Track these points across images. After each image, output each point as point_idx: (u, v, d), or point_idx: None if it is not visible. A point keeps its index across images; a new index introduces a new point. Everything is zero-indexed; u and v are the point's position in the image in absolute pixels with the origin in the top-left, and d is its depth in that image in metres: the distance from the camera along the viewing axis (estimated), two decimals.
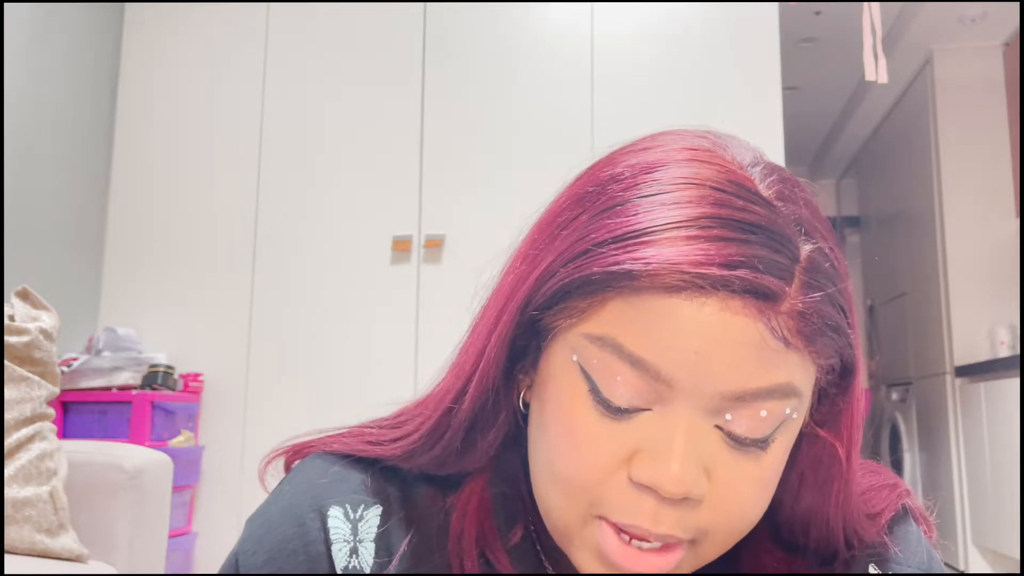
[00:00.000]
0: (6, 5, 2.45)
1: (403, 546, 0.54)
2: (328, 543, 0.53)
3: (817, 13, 3.82)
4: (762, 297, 0.44)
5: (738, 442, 0.46)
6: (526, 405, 0.53)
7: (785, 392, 0.45)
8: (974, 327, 3.84)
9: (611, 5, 2.82)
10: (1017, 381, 3.19)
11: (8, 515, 1.53)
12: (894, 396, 4.69)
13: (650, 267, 0.43)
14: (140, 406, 2.47)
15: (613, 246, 0.45)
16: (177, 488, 2.42)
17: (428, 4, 2.89)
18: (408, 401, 0.60)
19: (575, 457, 0.47)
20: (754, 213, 0.45)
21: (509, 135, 2.77)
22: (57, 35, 2.72)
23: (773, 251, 0.44)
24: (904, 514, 0.58)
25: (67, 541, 1.59)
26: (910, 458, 4.35)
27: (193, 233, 2.87)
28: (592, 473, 0.46)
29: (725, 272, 0.43)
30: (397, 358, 2.70)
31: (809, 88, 4.60)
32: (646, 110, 2.70)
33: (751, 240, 0.44)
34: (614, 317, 0.45)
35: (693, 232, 0.44)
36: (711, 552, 0.49)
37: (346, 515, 0.54)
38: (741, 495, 0.47)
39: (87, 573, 1.58)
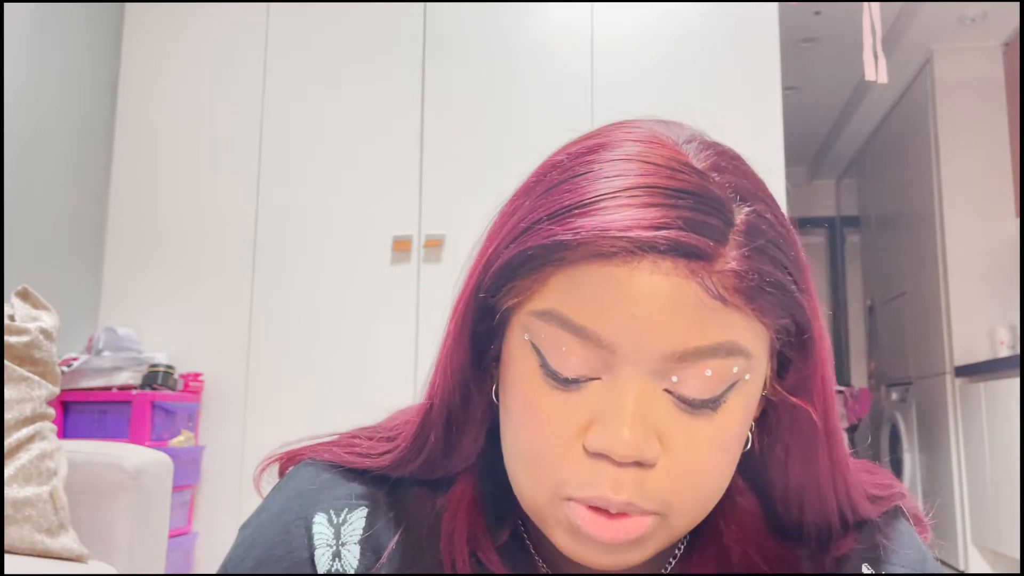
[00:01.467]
0: (6, 5, 2.45)
1: (391, 546, 0.55)
2: (312, 549, 0.55)
3: (817, 13, 3.82)
4: (693, 256, 0.45)
5: (688, 404, 0.47)
6: (499, 398, 0.54)
7: (728, 350, 0.46)
8: (974, 327, 3.84)
9: (611, 5, 2.82)
10: (1017, 381, 3.18)
11: (8, 515, 1.53)
12: (894, 396, 4.69)
13: (579, 236, 0.45)
14: (140, 406, 2.47)
15: (548, 222, 0.47)
16: (177, 488, 2.42)
17: (428, 4, 2.89)
18: (403, 405, 0.62)
19: (533, 432, 0.48)
20: (683, 181, 0.46)
21: (509, 135, 2.77)
22: (57, 35, 2.72)
23: (703, 214, 0.46)
24: (896, 512, 0.58)
25: (67, 541, 1.59)
26: (910, 458, 4.35)
27: (193, 233, 2.87)
28: (550, 446, 0.47)
29: (651, 233, 0.44)
30: (397, 358, 2.70)
31: (809, 88, 4.60)
32: (646, 110, 2.69)
33: (679, 204, 0.45)
34: (556, 291, 0.47)
35: (622, 201, 0.45)
36: (681, 524, 0.49)
37: (329, 520, 0.56)
38: (698, 459, 0.47)
39: (87, 573, 1.58)
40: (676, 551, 0.57)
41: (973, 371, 3.66)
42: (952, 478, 3.81)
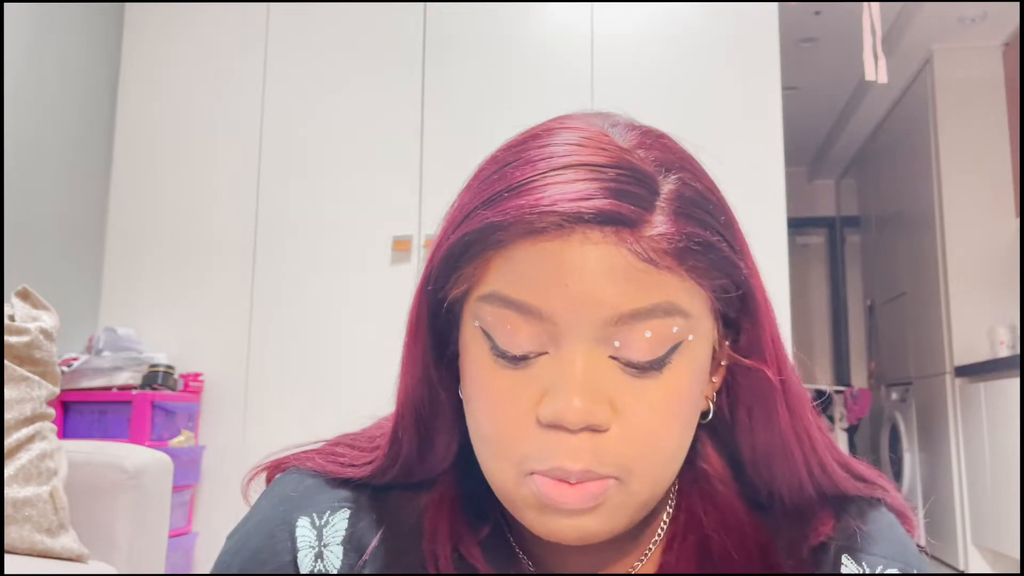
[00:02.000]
0: (6, 5, 2.45)
1: (373, 544, 0.56)
2: (295, 552, 0.56)
3: (817, 13, 3.82)
4: (620, 223, 0.47)
5: (634, 367, 0.48)
6: None
7: (666, 310, 0.48)
8: (974, 327, 3.84)
9: (611, 5, 2.82)
10: (1017, 381, 3.18)
11: (8, 515, 1.53)
12: (894, 396, 4.69)
13: (509, 215, 0.47)
14: (140, 406, 2.47)
15: (481, 208, 0.49)
16: (177, 488, 2.42)
17: (428, 4, 2.89)
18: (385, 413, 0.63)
19: (491, 414, 0.50)
20: (606, 156, 0.48)
21: (509, 135, 2.76)
22: (57, 35, 2.72)
23: (627, 184, 0.48)
24: (878, 503, 0.58)
25: (67, 541, 1.59)
26: (910, 458, 4.35)
27: (193, 233, 2.87)
28: (507, 424, 0.49)
29: (577, 205, 0.46)
30: (397, 358, 2.69)
31: (809, 88, 4.60)
32: (646, 110, 2.69)
33: (602, 177, 0.47)
34: (496, 273, 0.49)
35: (548, 180, 0.48)
36: (641, 489, 0.50)
37: (312, 523, 0.57)
38: (650, 421, 0.48)
39: (87, 573, 1.58)
40: (652, 542, 0.58)
41: (973, 371, 3.66)
42: (952, 478, 3.81)
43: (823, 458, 0.56)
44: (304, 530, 0.57)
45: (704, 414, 0.55)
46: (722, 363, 0.55)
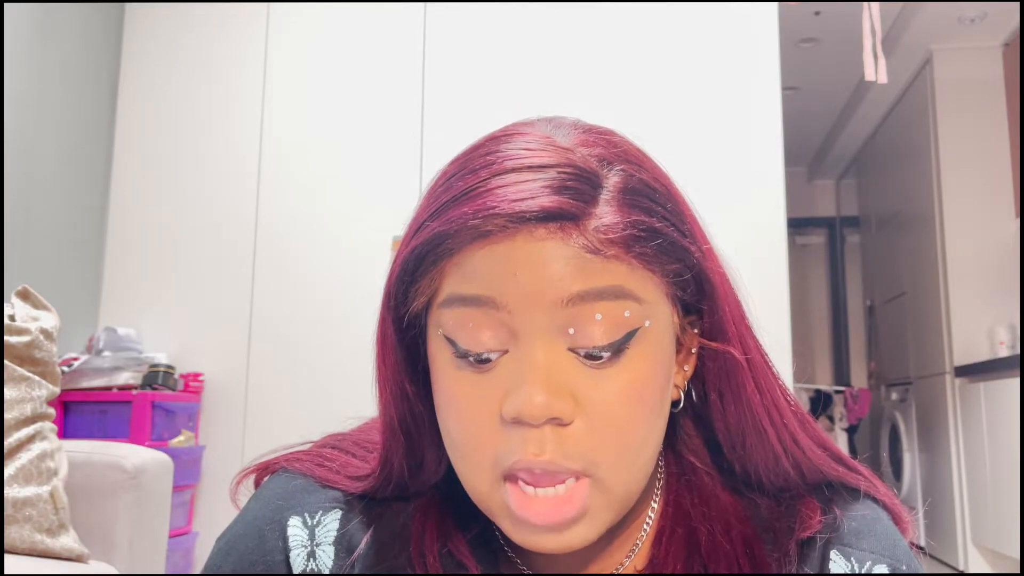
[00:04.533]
0: (6, 5, 2.45)
1: (364, 546, 0.56)
2: (287, 551, 0.57)
3: (817, 13, 3.82)
4: (563, 219, 0.48)
5: (592, 357, 0.48)
6: None
7: (615, 294, 0.48)
8: (974, 327, 3.84)
9: (611, 5, 2.82)
10: (1017, 381, 3.19)
11: (8, 515, 1.53)
12: (894, 396, 4.69)
13: (453, 224, 0.48)
14: (140, 406, 2.47)
15: (429, 221, 0.50)
16: (177, 488, 2.42)
17: (428, 4, 2.89)
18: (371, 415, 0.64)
19: (459, 418, 0.50)
20: (546, 157, 0.49)
21: None
22: (57, 35, 2.72)
23: (569, 181, 0.48)
24: (865, 498, 0.58)
25: (67, 541, 1.59)
26: (910, 458, 4.35)
27: (193, 233, 2.87)
28: (474, 427, 0.49)
29: (520, 205, 0.47)
30: None
31: (809, 88, 4.60)
32: (646, 109, 2.70)
33: (543, 177, 0.48)
34: (450, 279, 0.50)
35: (491, 185, 0.49)
36: (616, 486, 0.50)
37: (304, 523, 0.58)
38: (614, 412, 0.49)
39: (87, 573, 1.58)
40: (640, 536, 0.58)
41: (973, 371, 3.66)
42: (952, 478, 3.81)
43: (795, 432, 0.56)
44: (296, 529, 0.57)
45: (675, 403, 0.55)
46: (692, 350, 0.55)
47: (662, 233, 0.50)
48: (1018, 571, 3.34)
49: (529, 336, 0.48)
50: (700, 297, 0.54)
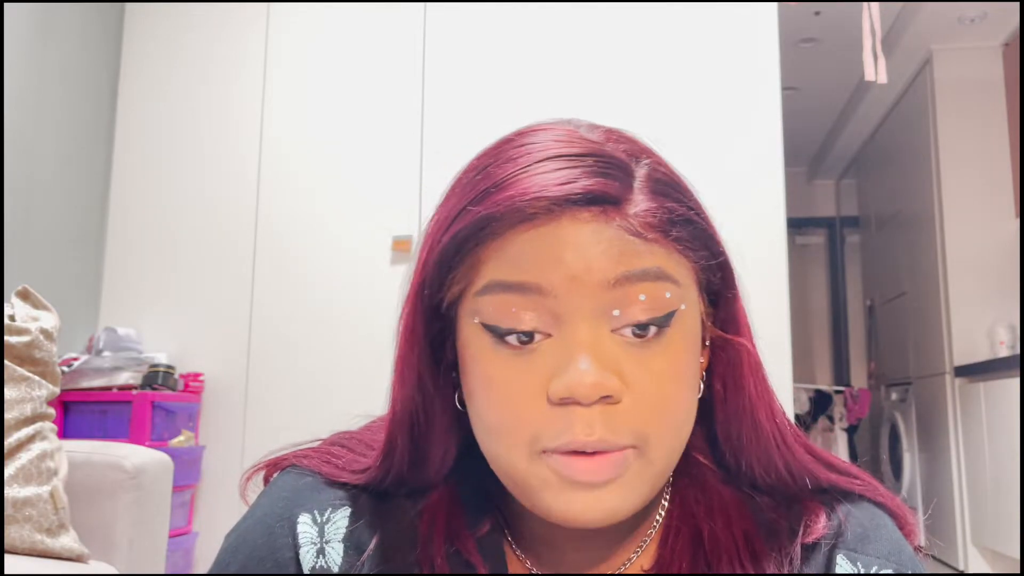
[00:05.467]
0: (6, 5, 2.45)
1: (373, 545, 0.57)
2: (296, 547, 0.57)
3: (817, 13, 3.82)
4: (606, 202, 0.50)
5: (636, 336, 0.50)
6: (464, 404, 0.55)
7: (656, 275, 0.50)
8: (974, 327, 3.84)
9: (611, 5, 2.82)
10: (1017, 381, 3.19)
11: (8, 515, 1.53)
12: (894, 396, 4.69)
13: (500, 207, 0.49)
14: (140, 406, 2.47)
15: (470, 206, 0.51)
16: (177, 488, 2.42)
17: (428, 4, 2.89)
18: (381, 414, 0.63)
19: (499, 400, 0.51)
20: (582, 147, 0.52)
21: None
22: (57, 35, 2.72)
23: (606, 168, 0.51)
24: (868, 502, 0.58)
25: (67, 541, 1.59)
26: (910, 458, 4.35)
27: (193, 233, 2.87)
28: (517, 407, 0.50)
29: (565, 188, 0.49)
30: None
31: (809, 88, 4.60)
32: (646, 109, 2.70)
33: (582, 164, 0.50)
34: (490, 265, 0.51)
35: (532, 172, 0.50)
36: (658, 456, 0.51)
37: (314, 519, 0.58)
38: (658, 388, 0.50)
39: (87, 573, 1.58)
40: (648, 535, 0.58)
41: (973, 371, 3.66)
42: (952, 478, 3.81)
43: (784, 433, 0.58)
44: (306, 526, 0.57)
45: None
46: (705, 343, 0.57)
47: (693, 221, 0.52)
48: (1018, 571, 3.34)
49: (574, 318, 0.49)
50: (721, 282, 0.55)
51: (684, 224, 0.52)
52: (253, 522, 0.59)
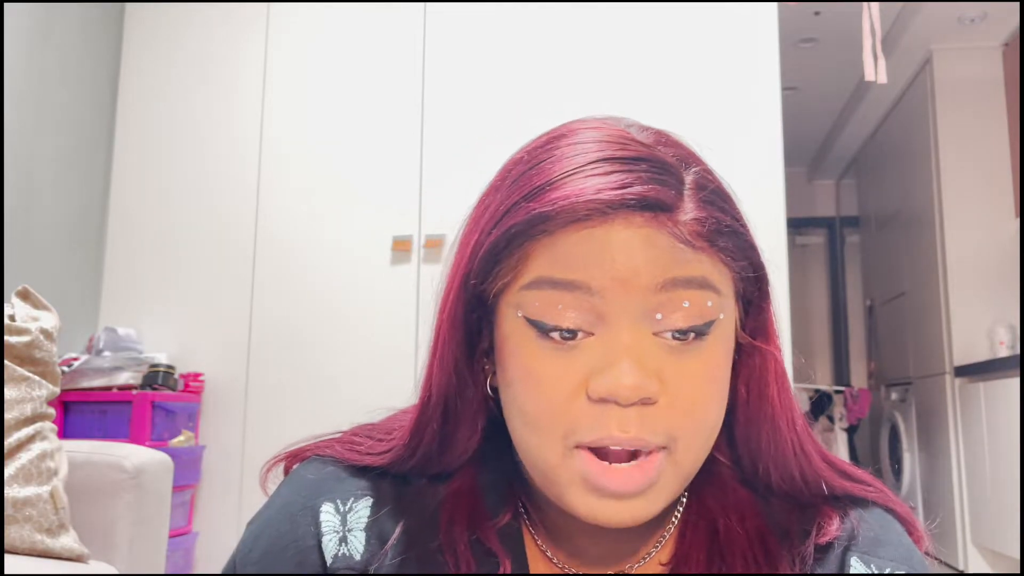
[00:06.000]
0: (6, 5, 2.45)
1: (396, 533, 0.57)
2: (319, 536, 0.57)
3: (817, 13, 3.82)
4: (658, 208, 0.50)
5: (676, 339, 0.51)
6: (495, 390, 0.57)
7: (701, 284, 0.51)
8: (974, 327, 3.84)
9: (610, 5, 2.82)
10: (1017, 381, 3.19)
11: (8, 515, 1.53)
12: (894, 396, 4.69)
13: (556, 206, 0.50)
14: (140, 406, 2.47)
15: (524, 202, 0.52)
16: (177, 488, 2.42)
17: (428, 4, 2.89)
18: (403, 404, 0.65)
19: (538, 392, 0.51)
20: (635, 151, 0.53)
21: (510, 135, 2.77)
22: (57, 35, 2.72)
23: (659, 174, 0.52)
24: (878, 507, 0.60)
25: (67, 541, 1.59)
26: (910, 458, 4.35)
27: (193, 233, 2.87)
28: (555, 401, 0.51)
29: (619, 192, 0.50)
30: (397, 358, 2.70)
31: (809, 88, 4.60)
32: (645, 109, 2.70)
33: (636, 169, 0.51)
34: (539, 261, 0.51)
35: (587, 173, 0.51)
36: (687, 459, 0.52)
37: (336, 508, 0.58)
38: (693, 392, 0.51)
39: (87, 573, 1.58)
40: (668, 528, 0.59)
41: (973, 371, 3.66)
42: (952, 478, 3.81)
43: (803, 440, 0.59)
44: (328, 515, 0.58)
45: None
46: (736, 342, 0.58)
47: (738, 232, 0.53)
48: (1018, 571, 3.34)
49: (618, 319, 0.50)
50: (757, 292, 0.57)
51: (730, 235, 0.53)
52: (276, 510, 0.59)
